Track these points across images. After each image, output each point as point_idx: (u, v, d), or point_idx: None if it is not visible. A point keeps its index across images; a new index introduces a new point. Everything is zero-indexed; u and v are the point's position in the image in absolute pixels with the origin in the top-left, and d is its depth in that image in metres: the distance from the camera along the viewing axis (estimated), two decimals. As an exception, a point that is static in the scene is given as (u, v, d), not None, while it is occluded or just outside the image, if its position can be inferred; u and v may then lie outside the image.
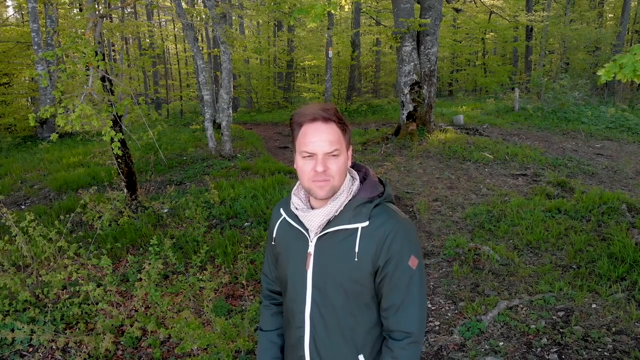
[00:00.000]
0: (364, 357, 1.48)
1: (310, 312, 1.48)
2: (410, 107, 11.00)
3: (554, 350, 3.25)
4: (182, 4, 11.19)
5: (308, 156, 1.41)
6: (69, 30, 15.46)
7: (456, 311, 3.88)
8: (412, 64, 10.74)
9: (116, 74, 10.49)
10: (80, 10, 18.84)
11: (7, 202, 9.04)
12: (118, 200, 5.95)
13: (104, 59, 5.51)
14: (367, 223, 1.43)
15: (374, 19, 21.70)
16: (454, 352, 3.31)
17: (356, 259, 1.41)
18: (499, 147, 9.81)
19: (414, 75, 10.81)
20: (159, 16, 33.86)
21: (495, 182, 7.72)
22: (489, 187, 7.43)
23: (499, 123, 13.54)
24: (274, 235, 1.61)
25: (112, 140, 4.72)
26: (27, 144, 15.31)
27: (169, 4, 18.94)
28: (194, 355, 3.12)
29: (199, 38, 22.73)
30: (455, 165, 8.87)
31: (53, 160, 11.69)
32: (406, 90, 10.95)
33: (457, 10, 15.64)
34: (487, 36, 29.55)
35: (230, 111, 11.18)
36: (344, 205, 1.46)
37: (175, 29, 31.75)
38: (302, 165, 1.43)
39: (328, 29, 17.40)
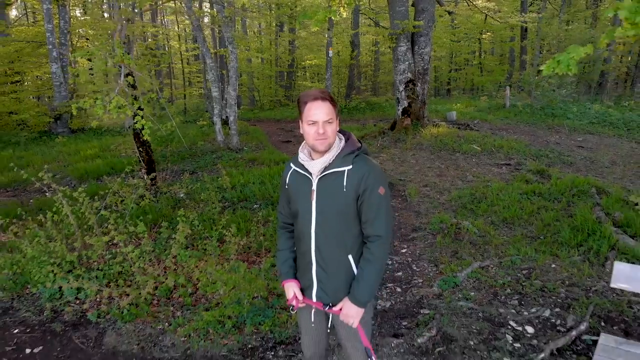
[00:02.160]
0: (352, 256, 2.11)
1: (314, 229, 2.11)
2: (405, 103, 11.61)
3: (515, 298, 3.88)
4: (192, 7, 11.75)
5: (312, 123, 2.03)
6: (97, 32, 15.87)
7: (437, 271, 4.51)
8: (407, 63, 11.35)
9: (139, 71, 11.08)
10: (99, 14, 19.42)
11: (31, 189, 9.68)
12: (141, 186, 6.59)
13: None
14: (350, 166, 2.06)
15: (372, 20, 22.25)
16: (433, 299, 3.94)
17: (345, 190, 2.04)
18: (487, 140, 10.42)
19: (409, 73, 11.41)
20: (163, 16, 34.38)
21: (480, 171, 8.34)
22: (475, 174, 8.05)
23: (490, 119, 14.15)
24: (287, 182, 2.24)
25: (139, 128, 5.34)
26: (42, 138, 15.93)
27: (175, 5, 19.49)
28: (220, 297, 3.75)
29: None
30: (445, 156, 9.49)
31: (71, 152, 12.31)
32: (401, 88, 11.56)
33: (450, 13, 16.22)
34: (484, 36, 30.04)
35: (236, 107, 11.79)
36: (335, 156, 2.09)
37: (178, 29, 32.27)
38: (308, 129, 2.05)
39: (328, 29, 17.98)
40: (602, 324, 3.47)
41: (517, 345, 3.28)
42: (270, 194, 7.00)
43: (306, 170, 2.15)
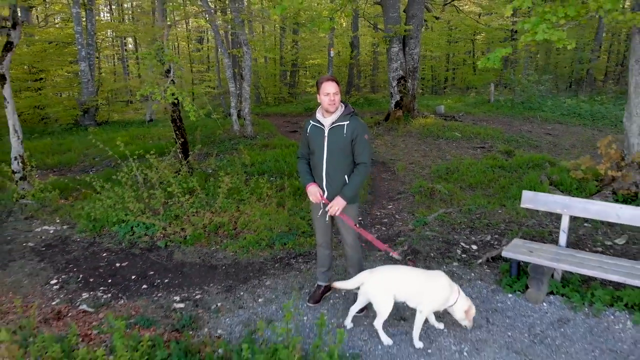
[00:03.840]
0: (346, 175, 3.44)
1: (325, 160, 3.43)
2: (398, 97, 12.93)
3: (467, 230, 5.22)
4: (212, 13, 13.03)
5: (327, 94, 3.36)
6: (145, 33, 16.90)
7: (413, 217, 5.85)
8: (399, 62, 12.66)
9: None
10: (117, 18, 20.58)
11: (76, 169, 11.04)
12: (178, 162, 7.92)
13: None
14: (348, 122, 3.39)
15: (370, 23, 23.49)
16: (408, 232, 5.28)
17: (344, 136, 3.37)
18: (467, 128, 11.74)
19: (400, 71, 12.72)
20: (173, 16, 35.50)
21: (458, 152, 9.66)
22: (453, 155, 9.38)
23: (474, 112, 15.46)
24: (308, 132, 3.55)
25: (187, 111, 6.66)
26: (72, 129, 17.25)
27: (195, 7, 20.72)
28: (257, 226, 5.09)
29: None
30: (430, 141, 10.82)
31: (106, 140, 13.59)
32: (394, 84, 12.87)
33: (437, 18, 17.48)
34: (478, 37, 31.19)
35: (249, 100, 13.09)
36: (339, 115, 3.41)
37: (187, 31, 33.41)
38: (324, 98, 3.37)
39: (330, 31, 19.29)
40: (525, 244, 4.79)
41: (464, 255, 4.62)
42: (284, 169, 8.32)
43: (321, 124, 3.47)
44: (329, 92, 3.36)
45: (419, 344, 3.21)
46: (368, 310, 3.64)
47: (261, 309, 3.80)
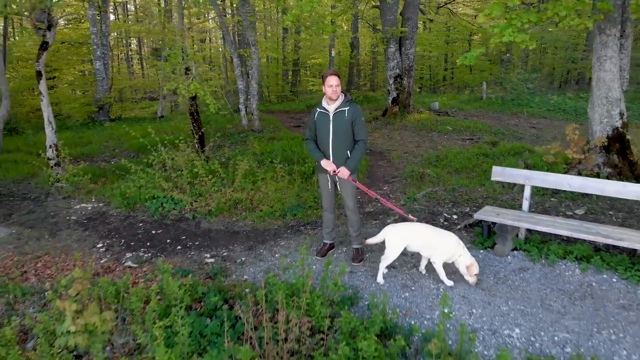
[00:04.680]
0: (348, 151, 4.20)
1: (332, 140, 4.19)
2: (394, 94, 13.68)
3: (450, 204, 5.99)
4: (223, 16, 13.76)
5: (330, 85, 4.12)
6: (169, 34, 17.55)
7: (405, 196, 6.61)
8: (395, 61, 13.41)
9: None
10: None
11: (98, 159, 11.78)
12: (194, 152, 8.67)
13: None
14: (348, 107, 4.16)
15: (370, 25, 24.20)
16: (400, 207, 6.04)
17: (346, 119, 4.14)
18: (459, 123, 12.50)
19: (397, 69, 13.47)
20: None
21: (449, 143, 10.42)
22: (443, 146, 10.14)
23: (466, 108, 16.20)
24: (315, 117, 4.31)
25: (207, 103, 7.41)
26: (89, 124, 18.02)
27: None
28: (270, 199, 5.85)
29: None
30: (423, 134, 11.58)
31: (121, 134, 14.39)
32: (391, 81, 13.62)
33: (431, 20, 18.19)
34: (475, 38, 31.83)
35: (257, 97, 13.84)
36: (341, 103, 4.18)
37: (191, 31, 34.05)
38: (328, 89, 4.14)
39: (332, 33, 20.02)
40: (499, 214, 5.56)
41: (445, 223, 5.39)
42: (290, 157, 9.07)
43: (326, 110, 4.23)
44: (332, 84, 4.12)
45: (449, 282, 3.95)
46: (365, 260, 4.41)
47: (278, 261, 4.58)
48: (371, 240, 4.15)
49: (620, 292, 3.91)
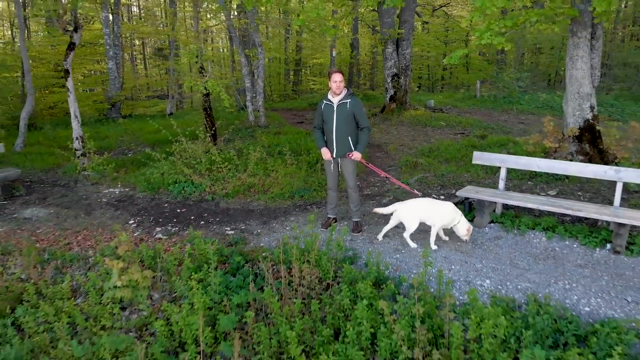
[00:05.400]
0: (350, 138, 4.89)
1: (335, 127, 4.87)
2: (392, 92, 14.34)
3: (439, 186, 6.66)
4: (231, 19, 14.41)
5: (334, 82, 4.80)
6: (178, 35, 18.19)
7: (400, 181, 7.28)
8: (393, 61, 14.06)
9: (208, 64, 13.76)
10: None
11: (115, 152, 12.41)
12: (208, 144, 9.34)
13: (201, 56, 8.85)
14: (350, 100, 4.84)
15: (369, 27, 24.82)
16: (394, 189, 6.71)
17: (348, 109, 4.82)
18: (452, 118, 13.16)
19: (394, 69, 14.13)
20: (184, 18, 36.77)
21: (441, 137, 11.09)
22: (436, 139, 10.81)
23: (460, 105, 16.86)
24: (322, 108, 4.99)
25: (221, 99, 8.06)
26: (102, 121, 18.68)
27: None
28: (280, 182, 6.53)
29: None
30: (419, 129, 12.24)
31: (135, 129, 15.06)
32: (389, 80, 14.28)
33: (426, 22, 18.82)
34: (472, 38, 32.36)
35: (264, 95, 14.50)
36: (344, 96, 4.85)
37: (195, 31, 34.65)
38: (333, 84, 4.81)
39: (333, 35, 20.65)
40: (481, 195, 6.23)
41: (439, 198, 6.05)
42: (296, 149, 9.73)
43: (331, 102, 4.90)
44: (336, 80, 4.79)
45: (434, 247, 4.67)
46: (363, 231, 5.09)
47: (289, 232, 5.26)
48: (379, 210, 4.86)
49: (579, 255, 4.59)
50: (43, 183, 8.58)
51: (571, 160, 6.98)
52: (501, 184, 5.43)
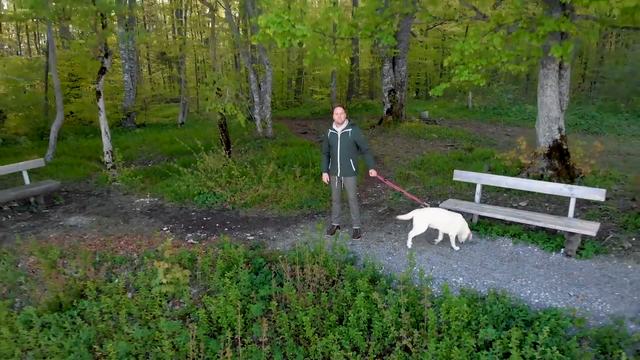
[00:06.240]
0: (352, 160, 5.83)
1: (339, 152, 5.82)
2: (388, 106, 15.28)
3: (427, 197, 7.59)
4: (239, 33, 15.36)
5: (337, 114, 5.75)
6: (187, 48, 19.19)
7: (393, 192, 8.21)
8: (390, 77, 15.01)
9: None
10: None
11: (138, 161, 13.32)
12: (223, 156, 10.28)
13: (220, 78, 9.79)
14: (351, 129, 5.78)
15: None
16: (389, 200, 7.64)
17: (350, 137, 5.76)
18: (444, 130, 14.09)
19: (391, 84, 15.07)
20: (190, 27, 37.73)
21: (433, 149, 12.01)
22: (428, 151, 11.73)
23: (452, 117, 17.79)
24: (328, 136, 5.92)
25: (237, 119, 8.99)
26: (119, 130, 19.62)
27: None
28: (291, 194, 7.46)
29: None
30: (413, 141, 13.17)
31: (151, 140, 15.99)
32: (386, 94, 15.22)
33: (420, 41, 19.76)
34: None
35: (270, 108, 15.43)
36: (345, 126, 5.80)
37: (201, 41, 35.52)
38: (336, 116, 5.76)
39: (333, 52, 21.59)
40: (462, 206, 7.16)
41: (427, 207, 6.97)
42: (302, 161, 10.66)
43: (335, 131, 5.84)
44: (338, 112, 5.73)
45: (456, 247, 5.62)
46: (362, 237, 6.02)
47: (299, 238, 6.18)
48: (401, 217, 5.82)
49: (537, 257, 5.50)
50: (78, 192, 9.51)
51: (542, 175, 7.91)
52: (477, 198, 6.36)
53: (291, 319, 4.21)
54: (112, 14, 8.72)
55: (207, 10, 11.48)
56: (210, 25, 11.08)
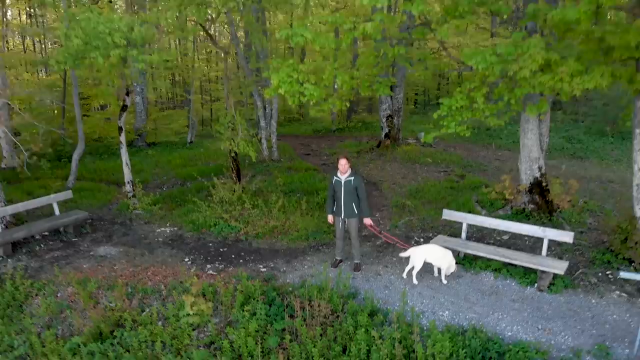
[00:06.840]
0: (354, 204, 6.61)
1: (343, 197, 6.59)
2: (386, 130, 16.08)
3: (420, 230, 8.34)
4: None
5: (341, 164, 6.53)
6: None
7: (390, 222, 8.96)
8: (387, 104, 15.81)
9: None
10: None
11: (152, 185, 14.01)
12: (232, 183, 11.04)
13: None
14: (353, 177, 6.58)
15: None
16: (386, 229, 8.40)
17: (352, 184, 6.55)
18: (437, 155, 14.88)
19: (388, 110, 15.88)
20: (194, 43, 38.54)
21: (427, 175, 12.79)
22: (423, 178, 12.51)
23: (446, 138, 18.54)
24: (333, 182, 6.70)
25: (246, 153, 9.79)
26: (131, 150, 20.32)
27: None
28: (298, 227, 8.22)
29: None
30: (409, 166, 13.95)
31: (164, 162, 16.74)
32: (384, 120, 16.03)
33: (414, 70, 20.55)
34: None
35: (276, 132, 16.22)
36: (348, 175, 6.59)
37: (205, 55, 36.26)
38: (340, 167, 6.54)
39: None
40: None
41: (415, 244, 7.73)
42: (307, 188, 11.40)
43: (339, 179, 6.62)
44: (342, 164, 6.51)
45: (445, 282, 6.36)
46: (362, 271, 6.78)
47: (307, 271, 6.94)
48: (402, 255, 6.56)
49: (514, 291, 6.24)
50: (102, 220, 10.24)
51: (524, 208, 8.67)
52: (463, 235, 7.12)
53: (302, 350, 4.95)
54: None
55: (222, 54, 12.29)
56: (224, 67, 11.89)
